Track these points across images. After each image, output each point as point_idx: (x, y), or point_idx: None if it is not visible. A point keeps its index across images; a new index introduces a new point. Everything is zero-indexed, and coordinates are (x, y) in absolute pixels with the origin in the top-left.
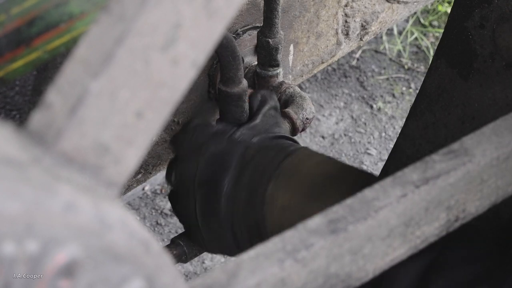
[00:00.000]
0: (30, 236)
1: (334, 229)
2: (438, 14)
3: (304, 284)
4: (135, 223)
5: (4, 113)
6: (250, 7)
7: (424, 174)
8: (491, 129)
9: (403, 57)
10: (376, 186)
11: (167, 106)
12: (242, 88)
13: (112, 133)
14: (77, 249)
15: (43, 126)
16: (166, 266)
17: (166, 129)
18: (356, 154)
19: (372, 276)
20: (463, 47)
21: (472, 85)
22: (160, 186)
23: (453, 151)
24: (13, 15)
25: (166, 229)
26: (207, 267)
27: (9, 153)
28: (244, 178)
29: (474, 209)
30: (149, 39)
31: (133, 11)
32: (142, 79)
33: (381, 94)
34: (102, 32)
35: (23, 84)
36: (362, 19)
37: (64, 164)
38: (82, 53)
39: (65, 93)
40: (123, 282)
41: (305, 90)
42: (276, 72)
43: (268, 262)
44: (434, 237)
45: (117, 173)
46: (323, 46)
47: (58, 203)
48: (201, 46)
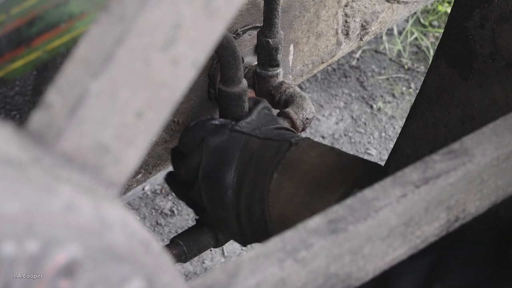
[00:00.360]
0: (30, 236)
1: (334, 229)
2: (438, 14)
3: (304, 284)
4: (135, 223)
5: (4, 113)
6: (250, 7)
7: (424, 174)
8: (491, 129)
9: (403, 57)
10: (376, 186)
11: (167, 106)
12: (242, 88)
13: (112, 133)
14: (77, 249)
15: (43, 126)
16: (166, 266)
17: (166, 129)
18: (356, 154)
19: (372, 276)
20: (463, 47)
21: (472, 85)
22: (160, 186)
23: (453, 151)
24: (13, 15)
25: (166, 229)
26: (207, 267)
27: (9, 153)
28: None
29: (474, 209)
30: (149, 39)
31: (133, 11)
32: (142, 79)
33: (381, 94)
34: (102, 32)
35: (23, 84)
36: (362, 19)
37: (64, 164)
38: (82, 53)
39: (65, 93)
40: (123, 282)
41: (305, 90)
42: (276, 72)
43: (268, 262)
44: (434, 237)
45: (117, 173)
46: (323, 46)
47: (58, 203)
48: (201, 46)
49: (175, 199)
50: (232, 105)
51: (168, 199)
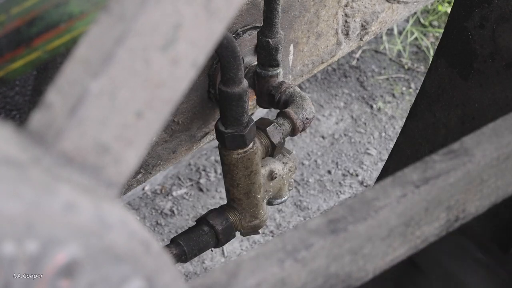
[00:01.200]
0: (30, 236)
1: (334, 229)
2: (438, 14)
3: (304, 284)
4: (135, 223)
5: (4, 113)
6: (250, 7)
7: (424, 174)
8: (491, 129)
9: (403, 57)
10: (376, 186)
11: (167, 106)
12: (242, 88)
13: (112, 133)
14: (77, 249)
15: (43, 126)
16: (166, 266)
17: (166, 129)
18: (356, 154)
19: (372, 276)
20: (463, 47)
21: (472, 85)
22: (160, 186)
23: (453, 151)
24: (13, 15)
25: (166, 229)
26: (207, 267)
27: (9, 153)
28: None
29: (474, 209)
30: (149, 39)
31: (133, 11)
32: (142, 79)
33: (381, 94)
34: (102, 32)
35: (23, 84)
36: (362, 19)
37: (64, 164)
38: (82, 53)
39: (65, 93)
40: (123, 282)
41: (305, 90)
42: (276, 72)
43: (268, 262)
44: (434, 237)
45: (117, 173)
46: (323, 46)
47: (58, 203)
48: (201, 46)
49: (175, 199)
50: (232, 105)
51: (168, 199)
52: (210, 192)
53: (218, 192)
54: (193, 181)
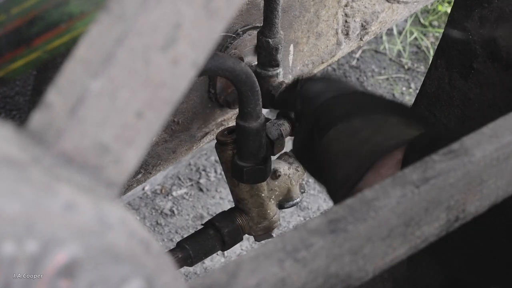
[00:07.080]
0: (30, 236)
1: (334, 229)
2: (438, 14)
3: (304, 284)
4: (135, 223)
5: (4, 113)
6: (250, 7)
7: (424, 174)
8: (491, 129)
9: (403, 57)
10: (376, 186)
11: (167, 106)
12: (260, 123)
13: (112, 133)
14: (77, 249)
15: (43, 126)
16: (166, 266)
17: (166, 129)
18: None
19: (372, 276)
20: (463, 47)
21: (472, 85)
22: (160, 186)
23: (453, 151)
24: (13, 15)
25: (166, 229)
26: (207, 267)
27: (9, 153)
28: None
29: (474, 209)
30: (149, 39)
31: (133, 11)
32: (142, 79)
33: (381, 94)
34: (102, 32)
35: (23, 84)
36: (362, 19)
37: (64, 164)
38: (82, 53)
39: (65, 93)
40: (123, 282)
41: None
42: (276, 72)
43: (268, 262)
44: (434, 237)
45: (117, 173)
46: (323, 46)
47: (58, 203)
48: (201, 46)
49: (175, 199)
50: (249, 140)
51: (168, 199)
52: (210, 192)
53: (218, 192)
54: (193, 181)
